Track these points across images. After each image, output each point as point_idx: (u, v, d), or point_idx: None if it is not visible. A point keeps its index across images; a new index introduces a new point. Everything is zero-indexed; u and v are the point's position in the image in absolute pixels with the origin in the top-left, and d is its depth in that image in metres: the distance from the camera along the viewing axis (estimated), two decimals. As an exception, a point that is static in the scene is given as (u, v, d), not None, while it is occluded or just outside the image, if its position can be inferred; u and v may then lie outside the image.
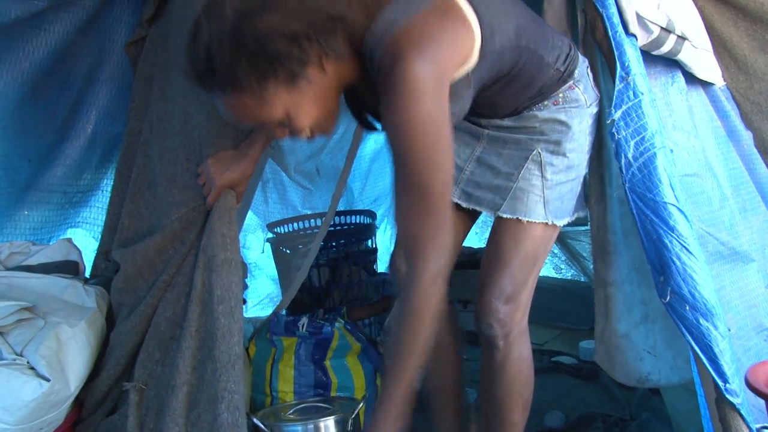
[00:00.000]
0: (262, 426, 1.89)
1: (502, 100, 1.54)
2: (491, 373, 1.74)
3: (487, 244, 1.68)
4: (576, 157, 1.59)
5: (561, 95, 1.55)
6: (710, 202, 1.64)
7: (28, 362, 1.84)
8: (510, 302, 1.60)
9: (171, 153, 1.87)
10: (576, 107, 1.56)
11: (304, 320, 2.19)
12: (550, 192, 1.57)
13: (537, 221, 1.57)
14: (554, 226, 1.61)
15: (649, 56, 1.65)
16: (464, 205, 1.67)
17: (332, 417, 1.89)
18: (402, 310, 1.33)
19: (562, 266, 4.15)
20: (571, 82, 1.55)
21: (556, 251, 4.19)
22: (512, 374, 1.68)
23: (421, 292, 1.29)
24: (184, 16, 1.84)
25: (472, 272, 3.58)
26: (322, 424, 1.87)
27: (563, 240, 3.43)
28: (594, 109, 1.58)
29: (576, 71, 1.55)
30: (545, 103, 1.55)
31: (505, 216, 1.58)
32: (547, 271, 4.27)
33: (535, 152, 1.55)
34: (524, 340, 1.66)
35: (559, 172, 1.57)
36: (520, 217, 1.57)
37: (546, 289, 4.14)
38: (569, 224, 3.32)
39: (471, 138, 1.65)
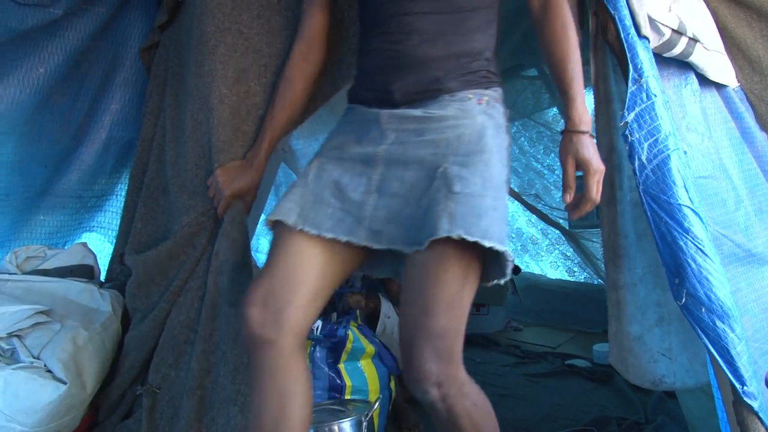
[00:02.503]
0: (276, 429, 1.89)
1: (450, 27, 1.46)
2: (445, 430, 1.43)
3: (403, 294, 1.39)
4: (490, 175, 1.38)
5: (486, 97, 1.47)
6: (725, 203, 1.63)
7: (45, 365, 1.85)
8: (444, 359, 1.32)
9: (182, 159, 1.88)
10: (495, 119, 1.45)
11: (318, 323, 2.19)
12: (457, 205, 1.32)
13: (441, 235, 1.28)
14: (474, 252, 1.32)
15: (662, 58, 1.64)
16: (376, 246, 1.40)
17: (347, 420, 1.89)
18: None
19: (575, 269, 4.14)
20: (496, 94, 1.49)
21: (569, 254, 4.18)
22: (467, 427, 1.41)
23: None
24: (196, 23, 1.86)
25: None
26: (336, 427, 1.87)
27: (577, 241, 3.41)
28: (507, 142, 1.46)
29: (500, 89, 1.51)
30: (469, 96, 1.45)
31: (422, 250, 1.30)
32: (560, 274, 4.26)
33: (441, 169, 1.37)
34: (467, 387, 1.39)
35: (471, 186, 1.35)
36: (429, 239, 1.29)
37: (559, 292, 4.14)
38: (583, 225, 3.30)
39: (364, 166, 1.46)
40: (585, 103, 1.43)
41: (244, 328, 1.38)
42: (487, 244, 1.27)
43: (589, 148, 1.40)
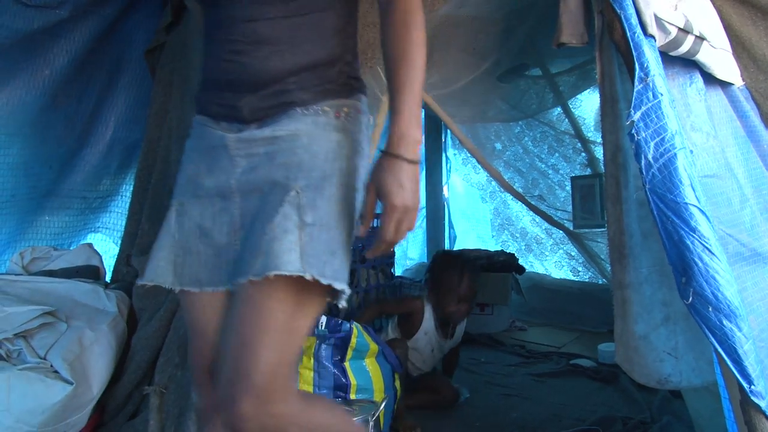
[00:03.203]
0: (283, 429, 1.89)
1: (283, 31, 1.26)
2: None
3: (224, 326, 1.28)
4: (344, 204, 1.26)
5: (346, 109, 1.31)
6: (730, 203, 1.63)
7: (51, 366, 1.86)
8: (263, 398, 1.18)
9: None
10: (354, 135, 1.32)
11: (323, 319, 2.19)
12: (310, 240, 1.18)
13: (289, 273, 1.14)
14: (314, 288, 1.17)
15: (666, 57, 1.64)
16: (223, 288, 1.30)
17: (354, 420, 1.89)
18: None
19: (580, 269, 4.14)
20: (358, 103, 1.34)
21: (573, 253, 4.18)
22: None
23: None
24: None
25: (489, 275, 3.59)
26: (342, 428, 1.87)
27: (581, 241, 3.42)
28: (366, 159, 1.33)
29: (364, 96, 1.36)
30: (325, 109, 1.28)
31: (251, 279, 1.16)
32: (565, 273, 4.25)
33: (293, 193, 1.21)
34: (302, 418, 1.25)
35: (324, 216, 1.21)
36: (267, 274, 1.14)
37: (564, 291, 4.14)
38: (587, 225, 3.30)
39: (222, 201, 1.31)
40: (413, 119, 1.23)
41: (195, 391, 1.38)
42: (338, 286, 1.17)
43: (398, 177, 1.19)
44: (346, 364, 2.21)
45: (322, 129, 1.28)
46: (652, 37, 1.52)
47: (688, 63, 1.70)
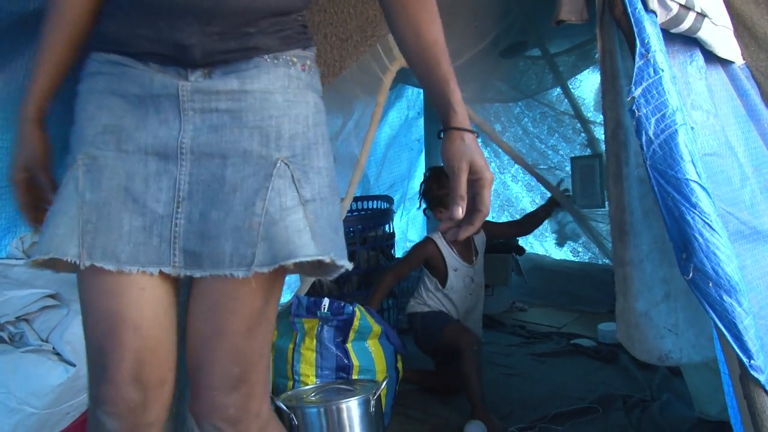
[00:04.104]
0: (285, 408, 1.91)
1: None
2: None
3: (191, 307, 1.14)
4: (331, 173, 1.17)
5: (308, 61, 1.18)
6: (730, 181, 1.63)
7: (53, 348, 1.86)
8: (240, 388, 1.12)
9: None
10: (319, 93, 1.20)
11: (326, 301, 2.20)
12: (315, 217, 1.09)
13: (308, 259, 1.04)
14: (284, 270, 1.09)
15: (667, 35, 1.63)
16: (197, 274, 1.09)
17: (355, 398, 1.90)
18: None
19: (580, 249, 4.14)
20: (314, 55, 1.20)
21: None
22: None
23: None
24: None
25: (489, 256, 3.60)
26: (344, 406, 1.89)
27: (584, 221, 3.41)
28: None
29: (312, 51, 1.21)
30: (293, 59, 1.13)
31: (262, 270, 1.05)
32: (565, 254, 4.26)
33: (280, 165, 1.08)
34: (272, 427, 1.22)
35: (320, 190, 1.13)
36: (283, 263, 1.04)
37: (564, 272, 4.15)
38: (588, 205, 3.30)
39: (161, 162, 1.09)
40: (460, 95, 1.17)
41: (110, 412, 1.09)
42: (348, 265, 1.10)
43: (480, 151, 1.11)
44: (349, 346, 2.22)
45: (296, 87, 1.13)
46: (654, 12, 1.51)
47: (689, 41, 1.69)
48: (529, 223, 3.14)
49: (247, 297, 1.10)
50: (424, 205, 2.95)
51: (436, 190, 2.83)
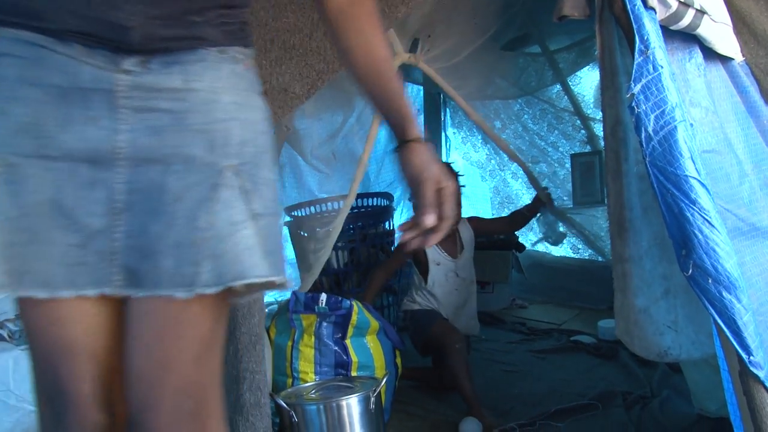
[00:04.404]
0: (285, 406, 1.91)
1: None
2: None
3: (128, 339, 0.99)
4: (276, 185, 1.07)
5: (251, 61, 1.08)
6: (729, 178, 1.63)
7: (54, 345, 1.87)
8: (194, 423, 0.99)
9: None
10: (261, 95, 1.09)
11: (323, 297, 2.20)
12: (266, 234, 1.00)
13: (260, 280, 0.95)
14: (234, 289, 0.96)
15: (666, 32, 1.63)
16: (140, 295, 0.95)
17: (355, 396, 1.91)
18: None
19: (580, 246, 4.14)
20: (251, 57, 1.09)
21: (573, 231, 4.18)
22: None
23: None
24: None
25: (489, 253, 3.60)
26: (344, 403, 1.89)
27: (569, 221, 3.41)
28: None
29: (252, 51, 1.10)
30: (238, 56, 1.03)
31: (208, 291, 0.92)
32: (565, 251, 4.26)
33: (229, 174, 0.97)
34: None
35: (269, 203, 1.02)
36: (233, 284, 0.93)
37: (564, 269, 4.15)
38: (588, 202, 3.29)
39: (93, 169, 0.94)
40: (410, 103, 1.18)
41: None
42: (290, 284, 1.02)
43: (440, 162, 1.09)
44: (347, 342, 2.22)
45: (243, 88, 1.03)
46: (653, 9, 1.51)
47: (687, 38, 1.69)
48: (516, 221, 3.11)
49: (194, 320, 0.97)
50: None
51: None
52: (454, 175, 2.72)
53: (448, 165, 2.78)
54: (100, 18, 0.91)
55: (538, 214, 3.09)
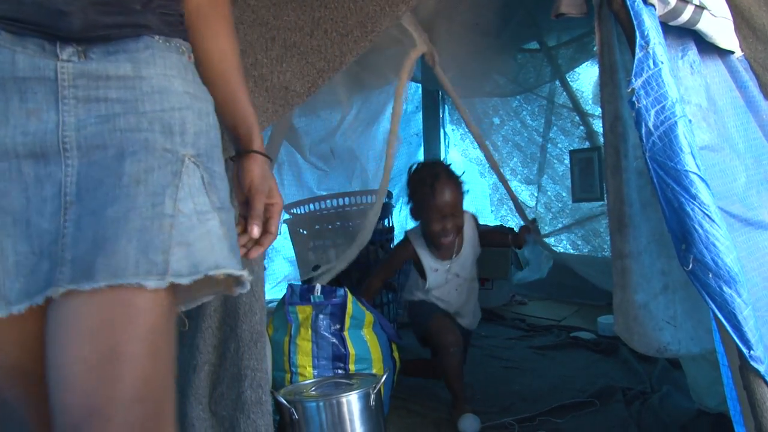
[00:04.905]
0: (286, 403, 1.91)
1: None
2: None
3: (58, 339, 0.84)
4: (227, 179, 1.05)
5: (192, 55, 1.06)
6: (725, 174, 1.63)
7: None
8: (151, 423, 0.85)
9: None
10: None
11: (318, 287, 2.20)
12: (228, 226, 0.97)
13: (236, 273, 0.93)
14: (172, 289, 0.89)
15: (661, 28, 1.63)
16: (73, 287, 0.84)
17: (355, 392, 1.91)
18: None
19: (579, 242, 4.14)
20: (189, 50, 1.05)
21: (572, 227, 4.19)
22: None
23: None
24: None
25: (491, 250, 3.60)
26: (344, 400, 1.89)
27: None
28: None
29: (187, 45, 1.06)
30: (182, 48, 1.01)
31: (181, 281, 0.86)
32: (564, 247, 4.27)
33: (189, 163, 0.93)
34: None
35: (223, 197, 1.00)
36: (212, 273, 0.89)
37: (563, 265, 4.15)
38: (586, 198, 3.29)
39: (37, 164, 0.88)
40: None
41: None
42: (246, 275, 0.96)
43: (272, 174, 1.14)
44: (345, 333, 2.22)
45: (191, 79, 1.01)
46: (652, 5, 1.51)
47: (682, 35, 1.69)
48: (492, 241, 2.85)
49: (149, 308, 0.86)
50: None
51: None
52: (456, 178, 2.59)
53: (447, 167, 2.63)
54: (37, 3, 0.86)
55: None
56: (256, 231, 1.08)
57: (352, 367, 2.20)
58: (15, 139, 0.87)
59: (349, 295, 2.22)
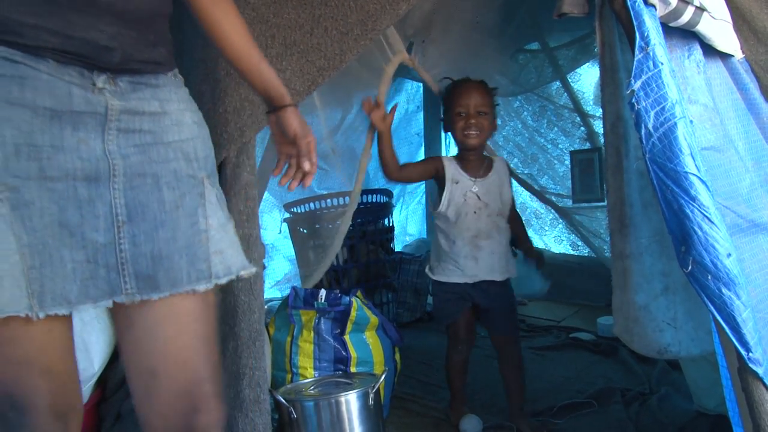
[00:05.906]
0: (285, 402, 1.91)
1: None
2: None
3: (133, 341, 1.15)
4: (223, 195, 1.28)
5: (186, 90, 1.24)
6: (728, 175, 1.63)
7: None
8: (221, 400, 1.20)
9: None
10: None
11: (322, 292, 2.20)
12: (233, 237, 1.23)
13: (245, 273, 1.20)
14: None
15: (665, 29, 1.63)
16: (143, 297, 1.08)
17: (354, 392, 1.91)
18: None
19: (579, 243, 4.14)
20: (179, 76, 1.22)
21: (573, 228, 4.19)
22: None
23: None
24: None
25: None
26: (343, 399, 1.89)
27: (573, 220, 3.40)
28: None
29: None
30: (178, 75, 1.19)
31: (221, 282, 1.15)
32: (564, 248, 4.26)
33: (208, 185, 1.17)
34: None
35: (227, 210, 1.25)
36: (241, 274, 1.19)
37: (563, 266, 4.15)
38: (586, 199, 3.28)
39: (90, 186, 1.02)
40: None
41: None
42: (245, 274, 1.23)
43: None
44: (346, 337, 2.22)
45: (194, 109, 1.21)
46: (653, 6, 1.51)
47: (687, 35, 1.69)
48: (514, 221, 2.55)
49: (210, 305, 1.17)
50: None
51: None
52: (481, 83, 2.45)
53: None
54: (81, 38, 0.99)
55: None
56: (307, 165, 1.29)
57: (353, 370, 2.21)
58: (74, 164, 1.01)
59: (355, 303, 2.21)
